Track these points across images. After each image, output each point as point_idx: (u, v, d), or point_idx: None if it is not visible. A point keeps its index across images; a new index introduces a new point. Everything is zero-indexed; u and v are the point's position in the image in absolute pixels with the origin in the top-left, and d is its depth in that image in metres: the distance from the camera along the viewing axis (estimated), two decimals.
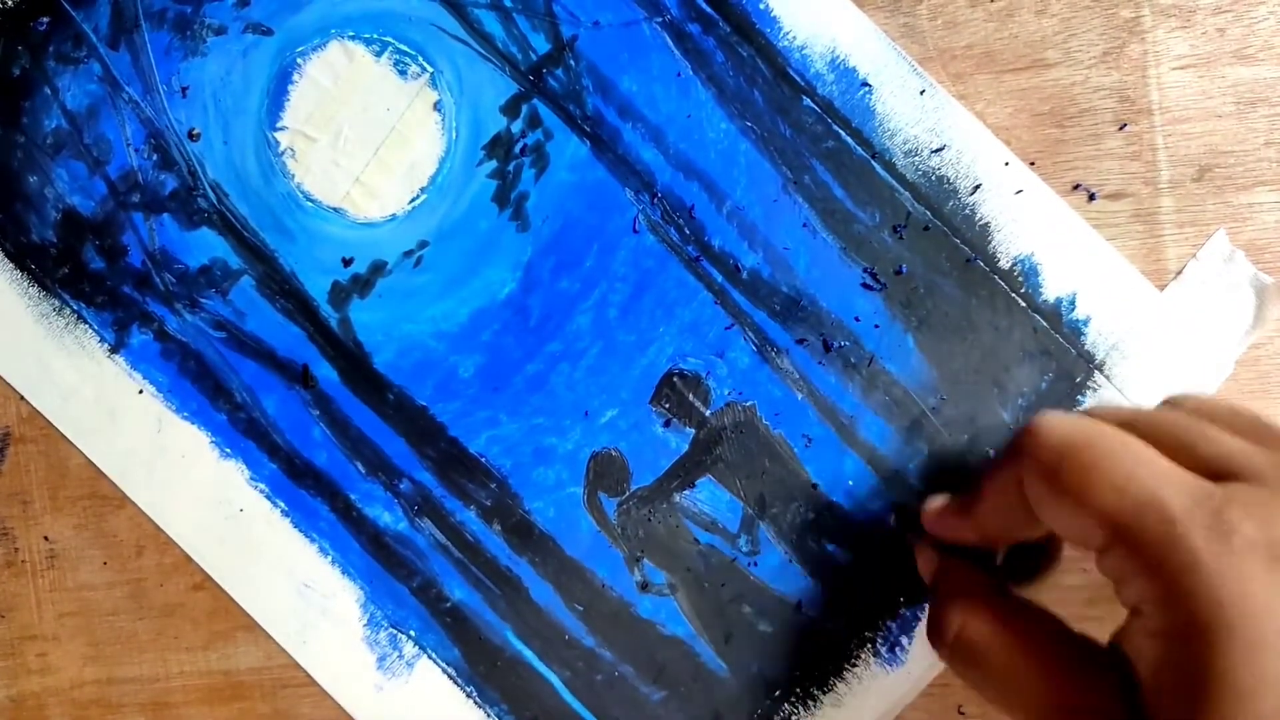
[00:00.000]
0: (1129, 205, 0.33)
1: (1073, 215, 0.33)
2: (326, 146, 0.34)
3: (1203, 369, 0.33)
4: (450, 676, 0.34)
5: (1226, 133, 0.33)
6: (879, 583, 0.33)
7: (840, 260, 0.33)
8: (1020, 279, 0.33)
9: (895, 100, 0.33)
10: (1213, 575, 0.22)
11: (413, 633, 0.34)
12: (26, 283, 0.34)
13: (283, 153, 0.34)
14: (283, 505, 0.34)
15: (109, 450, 0.34)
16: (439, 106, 0.34)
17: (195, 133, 0.34)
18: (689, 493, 0.34)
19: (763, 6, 0.33)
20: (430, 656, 0.34)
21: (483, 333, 0.34)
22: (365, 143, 0.34)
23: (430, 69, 0.33)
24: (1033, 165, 0.33)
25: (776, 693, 0.34)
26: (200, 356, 0.34)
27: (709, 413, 0.34)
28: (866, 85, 0.33)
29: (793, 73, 0.33)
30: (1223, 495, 0.23)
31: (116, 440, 0.34)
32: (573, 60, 0.33)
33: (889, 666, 0.33)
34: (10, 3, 0.33)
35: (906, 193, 0.33)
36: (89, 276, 0.34)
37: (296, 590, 0.34)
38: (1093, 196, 0.33)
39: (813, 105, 0.33)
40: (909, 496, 0.33)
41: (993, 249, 0.33)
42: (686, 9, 0.33)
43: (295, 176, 0.34)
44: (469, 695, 0.34)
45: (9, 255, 0.34)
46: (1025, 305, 0.33)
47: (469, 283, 0.34)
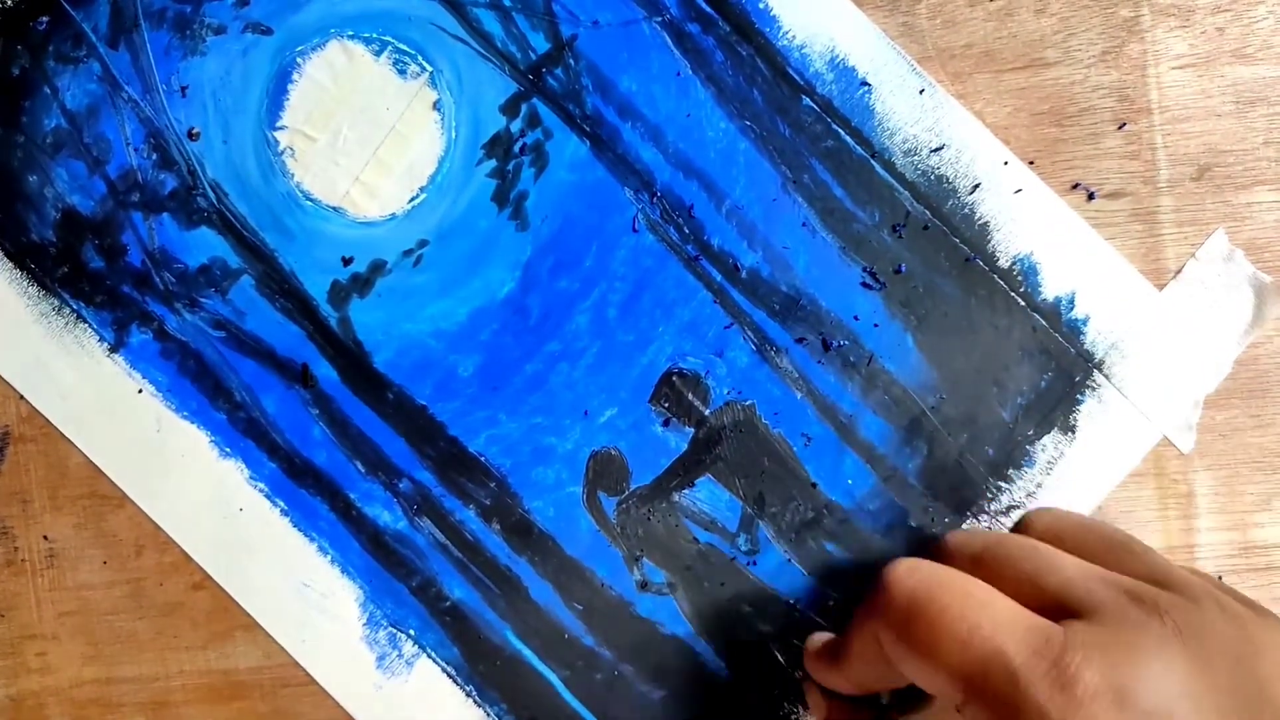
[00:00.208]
0: (1128, 204, 0.33)
1: (1072, 214, 0.33)
2: (326, 146, 0.34)
3: (1202, 368, 0.33)
4: (450, 675, 0.34)
5: (1226, 132, 0.33)
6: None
7: (839, 259, 0.33)
8: (1019, 278, 0.33)
9: (894, 99, 0.33)
10: None
11: (412, 632, 0.34)
12: (26, 282, 0.34)
13: (282, 152, 0.34)
14: (282, 504, 0.34)
15: (108, 449, 0.34)
16: (438, 106, 0.34)
17: (195, 132, 0.34)
18: (688, 492, 0.34)
19: (762, 6, 0.33)
20: (430, 655, 0.34)
21: (482, 332, 0.34)
22: (365, 142, 0.34)
23: (430, 68, 0.34)
24: (1032, 164, 0.33)
25: (775, 692, 0.34)
26: (200, 356, 0.34)
27: (708, 412, 0.34)
28: (865, 84, 0.33)
29: (792, 72, 0.33)
30: (1062, 641, 0.23)
31: (116, 439, 0.34)
32: (572, 59, 0.33)
33: None
34: (10, 2, 0.33)
35: (906, 192, 0.33)
36: (88, 276, 0.34)
37: (296, 589, 0.34)
38: (1092, 196, 0.33)
39: (812, 104, 0.33)
40: (806, 614, 0.33)
41: (992, 248, 0.33)
42: (686, 8, 0.33)
43: (295, 176, 0.34)
44: (468, 694, 0.34)
45: (9, 255, 0.34)
46: (1024, 304, 0.33)
47: (468, 282, 0.34)
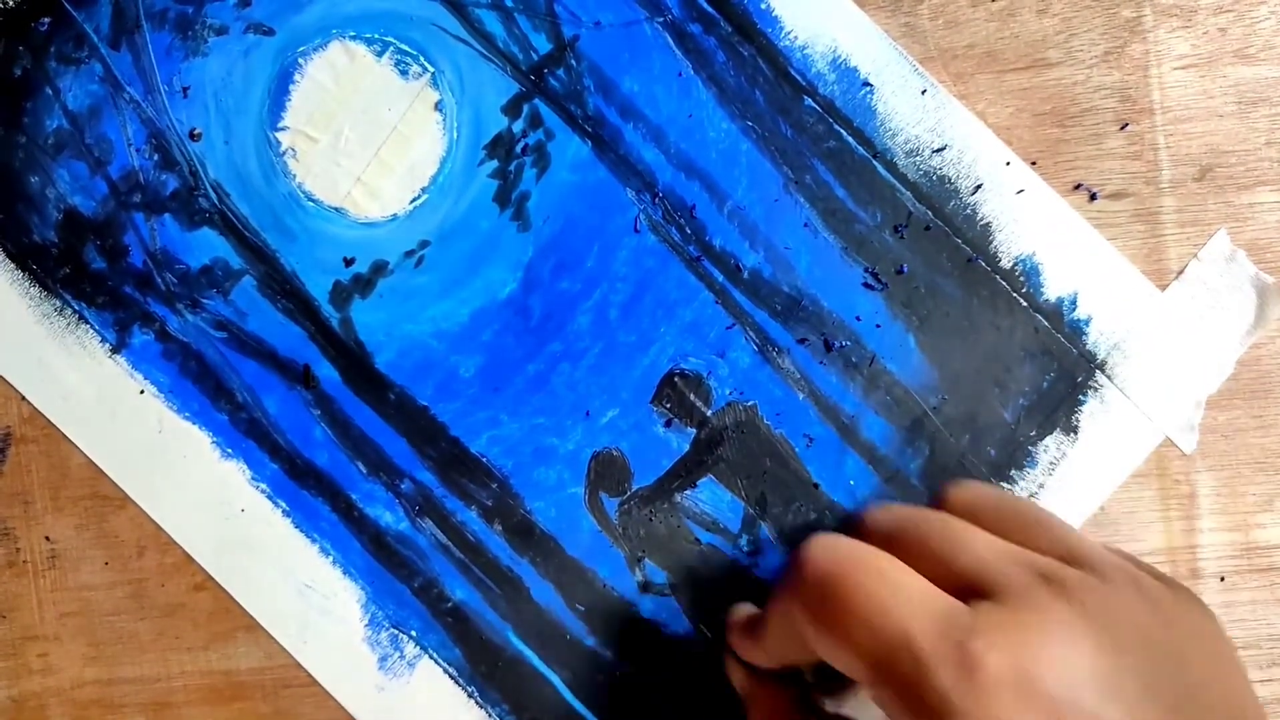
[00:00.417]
0: (1130, 205, 0.33)
1: (1074, 215, 0.33)
2: (328, 146, 0.34)
3: (1204, 369, 0.33)
4: (451, 676, 0.34)
5: (1228, 132, 0.33)
6: None
7: (841, 260, 0.33)
8: (1021, 279, 0.33)
9: (896, 100, 0.33)
10: (965, 715, 0.21)
11: (414, 633, 0.34)
12: (28, 283, 0.34)
13: (284, 153, 0.34)
14: (284, 505, 0.34)
15: (110, 450, 0.34)
16: (440, 106, 0.34)
17: (196, 133, 0.34)
18: (690, 493, 0.34)
19: (764, 6, 0.33)
20: (431, 656, 0.34)
21: (483, 333, 0.34)
22: (366, 143, 0.34)
23: (431, 69, 0.33)
24: (1034, 165, 0.33)
25: None
26: (201, 357, 0.34)
27: (710, 413, 0.34)
28: (868, 85, 0.33)
29: (794, 72, 0.33)
30: (967, 624, 0.22)
31: (118, 440, 0.34)
32: (574, 60, 0.33)
33: None
34: (11, 3, 0.33)
35: (908, 192, 0.33)
36: (90, 277, 0.34)
37: (297, 590, 0.34)
38: (1094, 196, 0.33)
39: (814, 105, 0.33)
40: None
41: (994, 249, 0.33)
42: (688, 9, 0.33)
43: (296, 176, 0.34)
44: (470, 695, 0.34)
45: (10, 255, 0.34)
46: (1026, 305, 0.33)
47: (470, 283, 0.34)
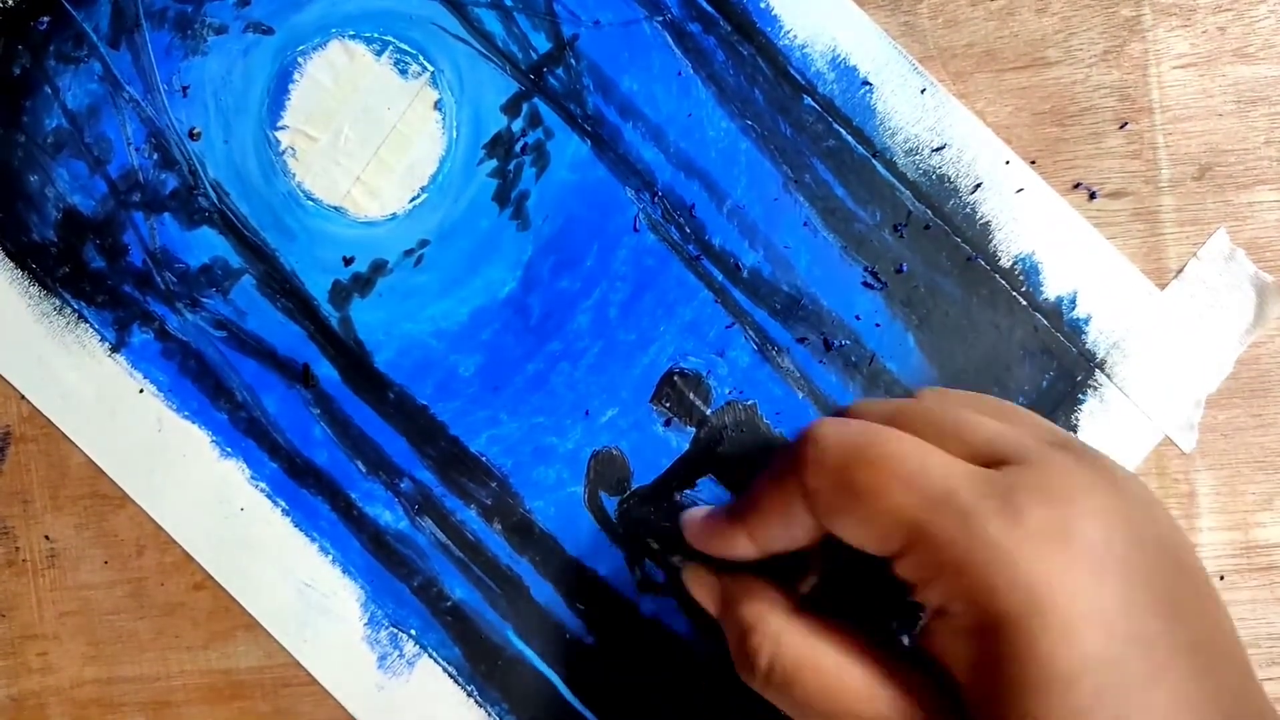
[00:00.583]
0: (1130, 204, 0.33)
1: (1073, 214, 0.33)
2: (327, 145, 0.34)
3: (1203, 368, 0.33)
4: (451, 675, 0.34)
5: (1227, 131, 0.33)
6: (878, 581, 0.33)
7: (841, 259, 0.33)
8: (1021, 278, 0.33)
9: (896, 99, 0.33)
10: (1016, 563, 0.21)
11: (413, 632, 0.34)
12: (27, 282, 0.34)
13: (283, 152, 0.34)
14: (283, 504, 0.34)
15: (110, 449, 0.34)
16: (440, 105, 0.34)
17: (196, 132, 0.34)
18: (690, 492, 0.34)
19: (763, 5, 0.33)
20: (431, 655, 0.34)
21: (483, 332, 0.34)
22: (366, 142, 0.34)
23: (431, 68, 0.33)
24: (1033, 164, 0.33)
25: None
26: (201, 356, 0.34)
27: (710, 411, 0.34)
28: (867, 84, 0.33)
29: (793, 71, 0.33)
30: (1005, 481, 0.22)
31: (117, 439, 0.34)
32: (573, 59, 0.33)
33: None
34: (10, 2, 0.33)
35: (907, 191, 0.33)
36: (90, 276, 0.34)
37: (297, 589, 0.34)
38: (1093, 195, 0.33)
39: (813, 104, 0.33)
40: (663, 515, 0.33)
41: (993, 248, 0.33)
42: (687, 8, 0.33)
43: (296, 175, 0.34)
44: (470, 694, 0.34)
45: (10, 254, 0.34)
46: (1026, 304, 0.33)
47: (469, 282, 0.34)
